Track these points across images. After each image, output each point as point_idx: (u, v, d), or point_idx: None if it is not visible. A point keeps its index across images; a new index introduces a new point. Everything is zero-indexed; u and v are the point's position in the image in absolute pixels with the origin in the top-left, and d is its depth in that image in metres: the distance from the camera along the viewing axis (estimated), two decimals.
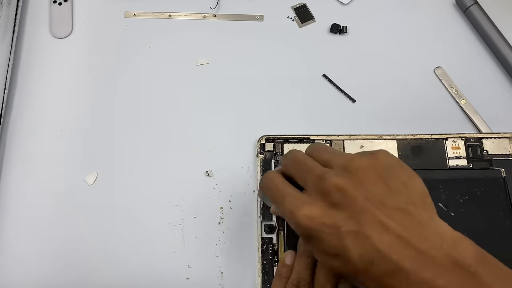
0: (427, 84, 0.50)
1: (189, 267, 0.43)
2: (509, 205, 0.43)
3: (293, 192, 0.32)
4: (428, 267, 0.26)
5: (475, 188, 0.43)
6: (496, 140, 0.46)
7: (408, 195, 0.29)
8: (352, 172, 0.30)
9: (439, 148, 0.45)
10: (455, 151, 0.45)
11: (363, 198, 0.28)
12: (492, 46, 0.51)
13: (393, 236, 0.27)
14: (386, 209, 0.28)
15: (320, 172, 0.31)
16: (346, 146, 0.46)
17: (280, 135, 0.46)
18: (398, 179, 0.30)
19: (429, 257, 0.26)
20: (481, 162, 0.45)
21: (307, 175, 0.32)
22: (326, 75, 0.51)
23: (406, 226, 0.27)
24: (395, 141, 0.46)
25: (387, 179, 0.30)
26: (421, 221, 0.28)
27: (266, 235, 0.42)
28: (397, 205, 0.28)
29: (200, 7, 0.54)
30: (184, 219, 0.44)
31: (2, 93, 0.48)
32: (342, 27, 0.52)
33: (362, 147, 0.46)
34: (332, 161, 0.32)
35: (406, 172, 0.30)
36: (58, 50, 0.52)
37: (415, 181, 0.30)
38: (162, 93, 0.50)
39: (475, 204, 0.43)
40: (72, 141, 0.48)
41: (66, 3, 0.54)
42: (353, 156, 0.31)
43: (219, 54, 0.52)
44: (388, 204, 0.28)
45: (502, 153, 0.45)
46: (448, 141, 0.46)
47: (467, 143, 0.46)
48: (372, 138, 0.46)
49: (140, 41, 0.53)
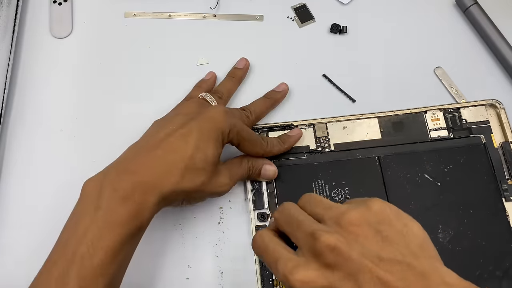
0: (427, 84, 0.50)
1: (189, 267, 0.43)
2: (492, 169, 0.44)
3: (285, 253, 0.29)
4: None
5: (458, 156, 0.45)
6: (474, 108, 0.47)
7: (406, 245, 0.27)
8: (343, 226, 0.28)
9: (419, 122, 0.47)
10: (435, 123, 0.46)
11: (358, 255, 0.27)
12: (492, 46, 0.51)
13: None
14: (383, 264, 0.26)
15: (311, 229, 0.29)
16: (329, 129, 0.46)
17: (264, 124, 0.47)
18: (394, 228, 0.28)
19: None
20: (461, 131, 0.46)
21: (298, 233, 0.30)
22: (326, 75, 0.51)
23: (407, 280, 0.26)
24: (376, 119, 0.47)
25: (382, 230, 0.28)
26: (424, 272, 0.26)
27: (259, 223, 0.43)
28: (395, 257, 0.27)
29: (200, 7, 0.54)
30: (184, 219, 0.44)
31: (2, 93, 0.48)
32: (342, 27, 0.52)
33: (345, 128, 0.46)
34: (324, 215, 0.30)
35: (402, 220, 0.29)
36: (58, 50, 0.52)
37: (412, 228, 0.29)
38: (162, 93, 0.50)
39: (459, 172, 0.44)
40: (72, 141, 0.48)
41: (66, 3, 0.54)
42: (345, 208, 0.29)
43: (219, 54, 0.52)
44: (385, 258, 0.27)
45: (480, 120, 0.46)
46: (427, 114, 0.47)
47: (446, 114, 0.47)
48: (354, 118, 0.47)
49: (140, 41, 0.53)
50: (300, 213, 0.31)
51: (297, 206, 0.33)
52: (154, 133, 0.40)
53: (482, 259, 0.41)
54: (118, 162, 0.38)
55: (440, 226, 0.42)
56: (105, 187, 0.35)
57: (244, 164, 0.43)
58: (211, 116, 0.39)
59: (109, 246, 0.33)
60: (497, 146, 0.45)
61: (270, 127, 0.47)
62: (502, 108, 0.46)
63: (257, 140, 0.43)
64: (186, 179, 0.37)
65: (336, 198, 0.43)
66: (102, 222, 0.34)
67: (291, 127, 0.46)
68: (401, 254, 0.27)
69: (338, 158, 0.45)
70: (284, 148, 0.45)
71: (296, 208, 0.32)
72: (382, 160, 0.45)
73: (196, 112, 0.41)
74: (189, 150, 0.37)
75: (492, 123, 0.46)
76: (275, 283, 0.41)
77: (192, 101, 0.45)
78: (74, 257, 0.33)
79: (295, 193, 0.43)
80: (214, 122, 0.39)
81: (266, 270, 0.41)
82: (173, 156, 0.37)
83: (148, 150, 0.38)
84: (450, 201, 0.43)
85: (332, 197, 0.43)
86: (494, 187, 0.43)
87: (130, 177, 0.35)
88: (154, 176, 0.36)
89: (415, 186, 0.44)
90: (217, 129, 0.39)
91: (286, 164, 0.45)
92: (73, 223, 0.35)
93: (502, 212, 0.43)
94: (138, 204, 0.35)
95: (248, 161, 0.43)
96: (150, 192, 0.35)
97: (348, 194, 0.43)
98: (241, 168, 0.42)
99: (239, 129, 0.40)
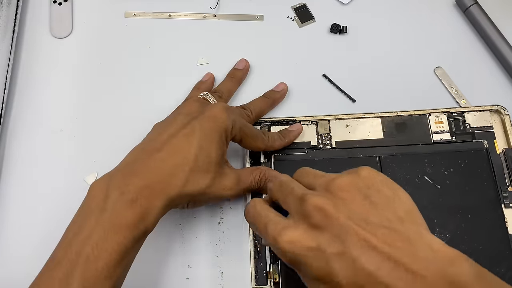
0: (427, 84, 0.50)
1: (189, 267, 0.43)
2: (493, 175, 0.44)
3: (275, 217, 0.30)
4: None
5: (459, 160, 0.45)
6: (478, 113, 0.47)
7: (394, 211, 0.28)
8: (333, 191, 0.29)
9: (422, 124, 0.47)
10: (438, 126, 0.46)
11: (345, 217, 0.27)
12: (492, 46, 0.51)
13: (381, 256, 0.26)
14: (370, 227, 0.27)
15: (300, 194, 0.30)
16: (332, 126, 0.46)
17: (267, 118, 0.47)
18: (382, 194, 0.29)
19: (421, 278, 0.25)
20: (464, 135, 0.46)
21: (289, 199, 0.31)
22: (326, 75, 0.51)
23: (394, 244, 0.26)
24: (379, 118, 0.47)
25: (370, 196, 0.29)
26: (409, 237, 0.26)
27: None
28: (381, 221, 0.27)
29: (200, 7, 0.54)
30: (184, 219, 0.44)
31: (2, 93, 0.48)
32: (342, 27, 0.52)
33: (348, 126, 0.46)
34: (315, 183, 0.31)
35: (390, 187, 0.29)
36: (58, 50, 0.52)
37: (400, 195, 0.29)
38: (162, 93, 0.50)
39: (459, 176, 0.44)
40: (72, 141, 0.48)
41: (66, 3, 0.54)
42: (335, 175, 0.30)
43: (219, 54, 0.52)
44: (372, 222, 0.27)
45: (484, 125, 0.46)
46: (431, 117, 0.47)
47: (450, 118, 0.47)
48: (357, 117, 0.47)
49: (140, 41, 0.53)
50: (292, 181, 0.32)
51: (290, 177, 0.33)
52: (157, 135, 0.39)
53: (478, 264, 0.41)
54: (123, 165, 0.38)
55: (437, 228, 0.42)
56: (112, 190, 0.35)
57: (255, 174, 0.42)
58: (213, 114, 0.39)
59: (114, 249, 0.33)
60: (499, 152, 0.45)
61: (273, 121, 0.47)
62: (507, 114, 0.46)
63: (258, 134, 0.43)
64: (191, 182, 0.37)
65: None
66: (108, 224, 0.33)
67: (294, 122, 0.47)
68: (388, 219, 0.27)
69: (338, 155, 0.45)
70: (285, 143, 0.45)
71: (288, 178, 0.33)
72: (383, 160, 0.45)
73: (198, 111, 0.40)
74: (192, 151, 0.37)
75: (495, 128, 0.46)
76: (268, 275, 0.41)
77: (192, 100, 0.45)
78: (79, 258, 0.32)
79: None
80: (216, 120, 0.39)
81: (261, 263, 0.41)
82: (177, 159, 0.37)
83: (152, 152, 0.37)
84: (449, 205, 0.43)
85: None
86: (494, 193, 0.43)
87: (137, 181, 0.35)
88: (160, 180, 0.36)
89: (414, 187, 0.44)
90: (219, 127, 0.39)
91: (287, 159, 0.45)
92: (78, 224, 0.35)
93: (501, 218, 0.42)
94: (144, 208, 0.35)
95: (260, 172, 0.42)
96: (156, 196, 0.35)
97: None
98: (251, 177, 0.42)
99: (241, 125, 0.40)
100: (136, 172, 0.36)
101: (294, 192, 0.30)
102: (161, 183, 0.36)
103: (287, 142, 0.45)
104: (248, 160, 0.45)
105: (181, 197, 0.37)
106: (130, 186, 0.35)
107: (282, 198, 0.32)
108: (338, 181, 0.29)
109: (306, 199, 0.29)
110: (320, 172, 0.32)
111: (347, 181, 0.29)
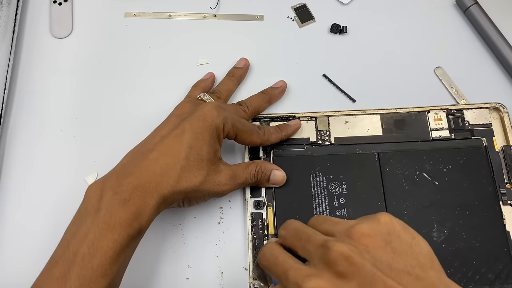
0: (427, 84, 0.50)
1: (189, 267, 0.43)
2: (491, 172, 0.44)
3: (295, 264, 0.29)
4: None
5: (458, 157, 0.45)
6: (477, 110, 0.47)
7: (415, 257, 0.28)
8: (355, 238, 0.28)
9: (421, 121, 0.47)
10: (437, 123, 0.47)
11: (370, 265, 0.27)
12: (492, 46, 0.51)
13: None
14: (394, 274, 0.27)
15: (322, 240, 0.29)
16: (331, 122, 0.47)
17: (266, 114, 0.47)
18: (402, 240, 0.29)
19: None
20: (462, 132, 0.46)
21: (308, 245, 0.30)
22: (326, 75, 0.51)
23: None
24: (378, 115, 0.47)
25: (391, 242, 0.28)
26: (432, 284, 0.27)
27: (255, 211, 0.43)
28: (405, 268, 0.27)
29: (200, 7, 0.54)
30: (184, 219, 0.44)
31: (2, 93, 0.48)
32: (342, 27, 0.52)
33: (347, 122, 0.46)
34: (334, 230, 0.30)
35: (410, 234, 0.29)
36: (58, 50, 0.52)
37: (419, 242, 0.29)
38: (162, 93, 0.50)
39: (458, 173, 0.44)
40: (72, 141, 0.48)
41: (66, 3, 0.54)
42: (354, 222, 0.30)
43: (219, 54, 0.52)
44: (396, 268, 0.27)
45: (482, 123, 0.46)
46: (430, 114, 0.47)
47: (449, 115, 0.47)
48: (356, 114, 0.47)
49: (140, 41, 0.53)
50: (308, 228, 0.31)
51: (302, 222, 0.32)
52: (151, 137, 0.41)
53: (475, 261, 0.41)
54: (118, 167, 0.39)
55: (435, 225, 0.42)
56: (106, 191, 0.36)
57: (251, 168, 0.42)
58: (202, 114, 0.40)
59: (109, 247, 0.34)
60: (498, 150, 0.45)
61: (272, 117, 0.47)
62: (505, 112, 0.46)
63: (253, 129, 0.43)
64: (183, 179, 0.38)
65: (332, 191, 0.43)
66: (102, 223, 0.34)
67: (293, 118, 0.47)
68: (411, 265, 0.27)
69: (337, 152, 0.45)
70: (282, 136, 0.45)
71: (302, 224, 0.32)
72: (382, 156, 0.45)
73: (189, 112, 0.41)
74: (183, 150, 0.38)
75: (494, 126, 0.46)
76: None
77: (185, 101, 0.46)
78: (75, 258, 0.33)
79: (292, 184, 0.44)
80: (205, 119, 0.39)
81: (257, 245, 0.40)
82: (169, 158, 0.38)
83: (145, 153, 0.38)
84: (447, 201, 0.43)
85: (329, 190, 0.44)
86: (492, 190, 0.43)
87: (130, 181, 0.36)
88: (152, 179, 0.37)
89: (412, 184, 0.44)
90: (209, 126, 0.39)
91: (285, 155, 0.45)
92: (75, 225, 0.36)
93: (499, 216, 0.42)
94: (137, 207, 0.35)
95: (256, 165, 0.43)
96: (149, 194, 0.36)
97: (345, 188, 0.44)
98: (246, 171, 0.42)
99: (233, 121, 0.41)
100: (130, 173, 0.37)
101: (314, 240, 0.30)
102: (153, 182, 0.37)
103: (284, 135, 0.45)
104: (247, 156, 0.45)
105: (174, 194, 0.38)
106: (123, 186, 0.36)
107: (300, 245, 0.31)
108: (359, 227, 0.29)
109: (330, 246, 0.28)
110: (336, 219, 0.32)
111: (368, 227, 0.29)
